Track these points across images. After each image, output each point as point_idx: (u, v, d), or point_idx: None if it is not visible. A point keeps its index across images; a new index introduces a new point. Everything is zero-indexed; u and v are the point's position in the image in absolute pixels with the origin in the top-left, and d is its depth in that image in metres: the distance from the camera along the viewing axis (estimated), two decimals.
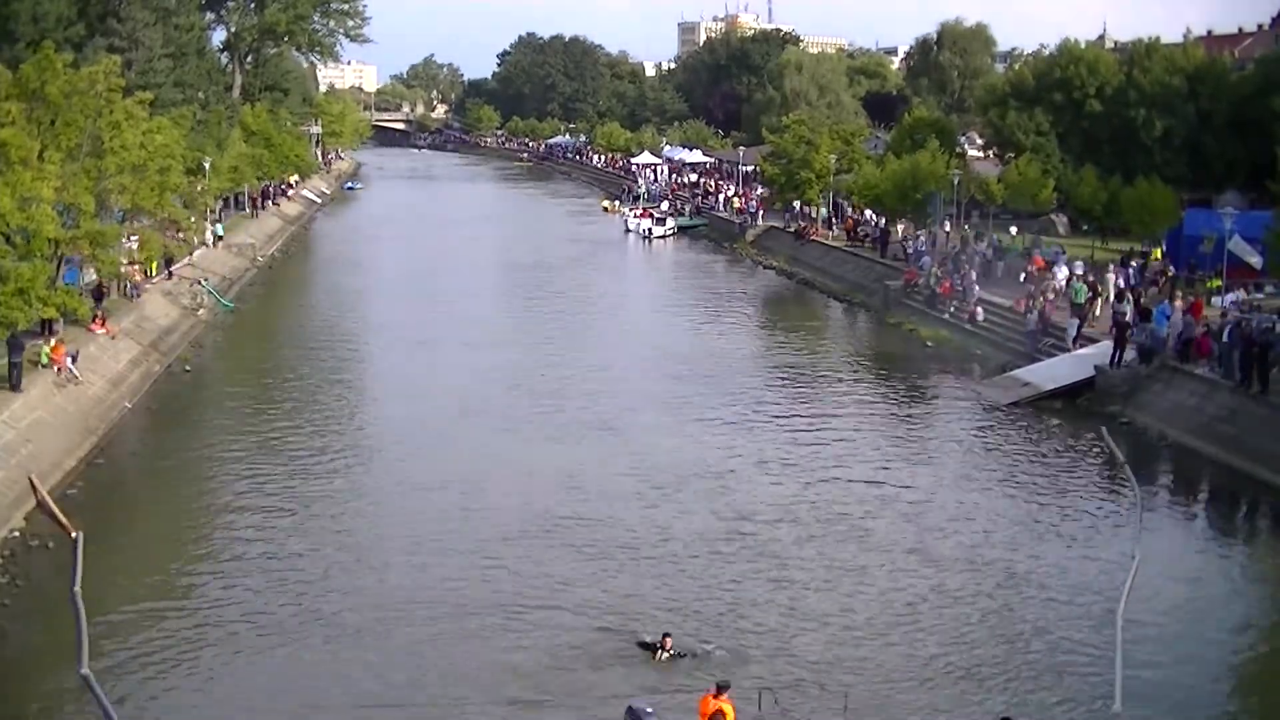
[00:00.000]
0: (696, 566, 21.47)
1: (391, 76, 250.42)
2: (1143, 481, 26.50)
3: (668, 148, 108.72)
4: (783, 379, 37.35)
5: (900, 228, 56.66)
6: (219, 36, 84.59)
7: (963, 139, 76.92)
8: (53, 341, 30.75)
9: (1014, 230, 53.30)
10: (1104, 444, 29.09)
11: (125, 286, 40.06)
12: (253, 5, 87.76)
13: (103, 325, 34.45)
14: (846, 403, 34.03)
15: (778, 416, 32.05)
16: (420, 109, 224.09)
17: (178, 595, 20.07)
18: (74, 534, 22.07)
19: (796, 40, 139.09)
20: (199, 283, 46.94)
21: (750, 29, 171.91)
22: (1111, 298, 37.89)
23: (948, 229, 54.65)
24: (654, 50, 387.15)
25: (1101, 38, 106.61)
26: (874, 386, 36.65)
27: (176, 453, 28.56)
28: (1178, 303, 34.13)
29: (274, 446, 28.46)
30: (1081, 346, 35.03)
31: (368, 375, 37.57)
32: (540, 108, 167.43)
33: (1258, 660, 18.93)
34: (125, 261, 37.54)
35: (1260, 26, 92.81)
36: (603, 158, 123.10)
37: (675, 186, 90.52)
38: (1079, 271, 42.24)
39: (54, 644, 18.15)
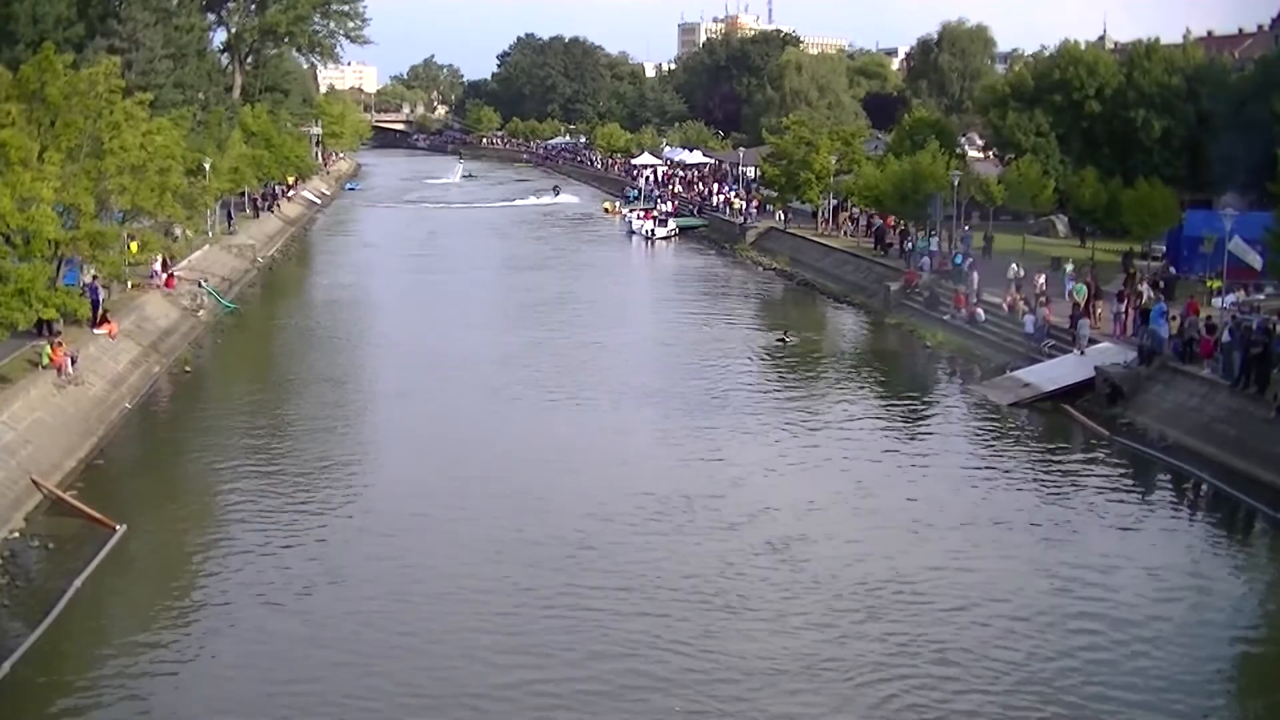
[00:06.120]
0: (688, 569, 21.48)
1: (391, 77, 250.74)
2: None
3: (668, 149, 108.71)
4: (783, 379, 37.39)
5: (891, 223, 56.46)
6: (219, 37, 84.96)
7: (963, 140, 76.83)
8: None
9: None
10: (1118, 443, 29.22)
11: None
12: (253, 6, 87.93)
13: (104, 325, 34.45)
14: (847, 403, 33.99)
15: (777, 417, 32.02)
16: (420, 110, 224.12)
17: (177, 593, 20.07)
18: (117, 527, 22.34)
19: (797, 41, 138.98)
20: (199, 284, 46.94)
21: (750, 30, 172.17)
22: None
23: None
24: (654, 51, 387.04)
25: (1101, 39, 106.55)
26: (874, 387, 36.65)
27: (176, 453, 28.58)
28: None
29: (274, 447, 28.45)
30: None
31: (368, 375, 37.55)
32: (540, 109, 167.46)
33: (1259, 661, 18.92)
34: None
35: (1260, 27, 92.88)
36: (603, 159, 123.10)
37: (676, 188, 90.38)
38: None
39: (54, 645, 18.14)
